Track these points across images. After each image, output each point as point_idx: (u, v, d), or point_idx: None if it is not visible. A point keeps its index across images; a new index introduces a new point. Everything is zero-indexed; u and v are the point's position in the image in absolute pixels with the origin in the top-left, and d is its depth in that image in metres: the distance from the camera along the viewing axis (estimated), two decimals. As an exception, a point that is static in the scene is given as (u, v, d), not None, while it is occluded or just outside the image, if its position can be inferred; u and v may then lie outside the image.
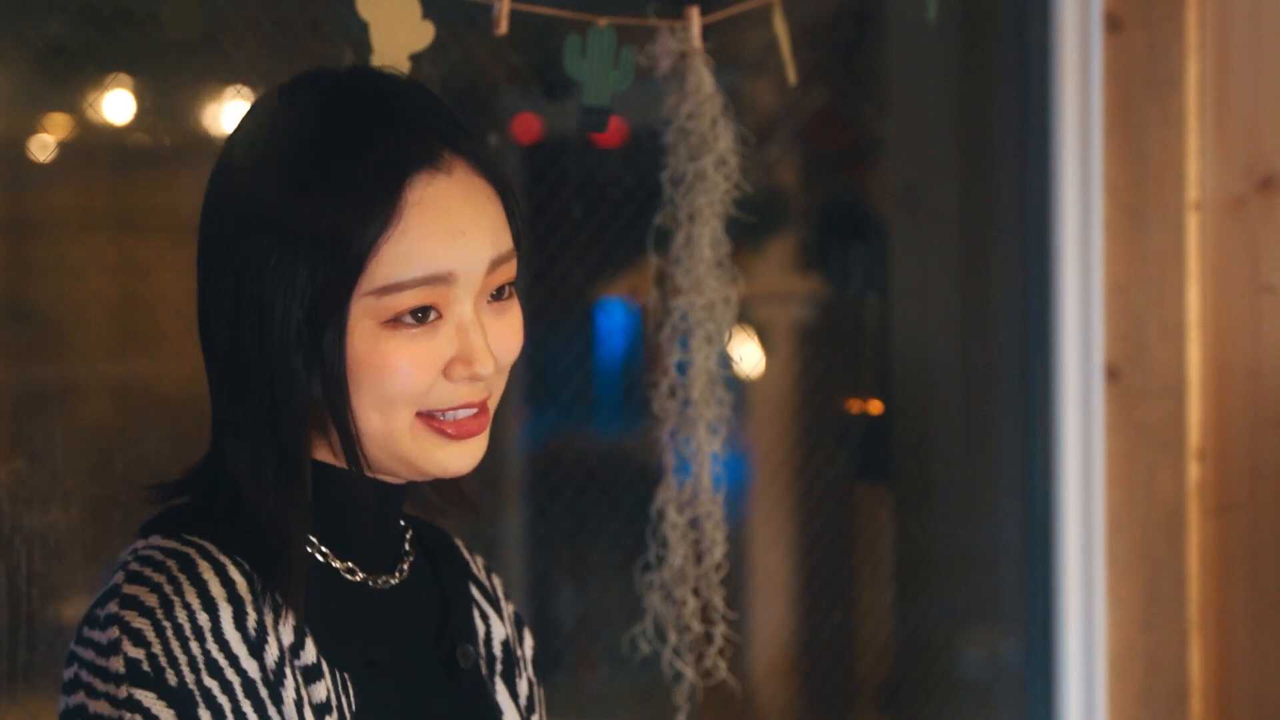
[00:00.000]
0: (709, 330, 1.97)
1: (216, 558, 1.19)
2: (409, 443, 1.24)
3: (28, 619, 1.83)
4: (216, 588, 1.18)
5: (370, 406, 1.22)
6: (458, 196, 1.24)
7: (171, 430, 1.97)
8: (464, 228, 1.23)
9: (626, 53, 1.82)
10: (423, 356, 1.22)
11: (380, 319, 1.21)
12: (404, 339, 1.22)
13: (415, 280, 1.21)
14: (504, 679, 1.39)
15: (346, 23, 1.83)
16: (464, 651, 1.33)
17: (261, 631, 1.18)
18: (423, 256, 1.21)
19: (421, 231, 1.21)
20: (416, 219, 1.21)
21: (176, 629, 1.15)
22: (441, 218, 1.22)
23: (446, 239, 1.22)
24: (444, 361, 1.23)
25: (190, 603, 1.16)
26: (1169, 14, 2.53)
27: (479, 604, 1.40)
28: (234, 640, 1.17)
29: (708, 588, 1.99)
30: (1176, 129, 2.54)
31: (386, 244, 1.20)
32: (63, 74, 1.87)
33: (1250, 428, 2.49)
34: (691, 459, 1.98)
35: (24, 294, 1.93)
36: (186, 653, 1.15)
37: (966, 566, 2.79)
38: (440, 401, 1.24)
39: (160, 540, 1.21)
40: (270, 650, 1.18)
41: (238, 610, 1.18)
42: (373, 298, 1.20)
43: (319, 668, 1.22)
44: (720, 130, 1.94)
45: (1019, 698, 2.77)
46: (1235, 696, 2.52)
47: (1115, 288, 2.62)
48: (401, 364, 1.21)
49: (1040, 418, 2.71)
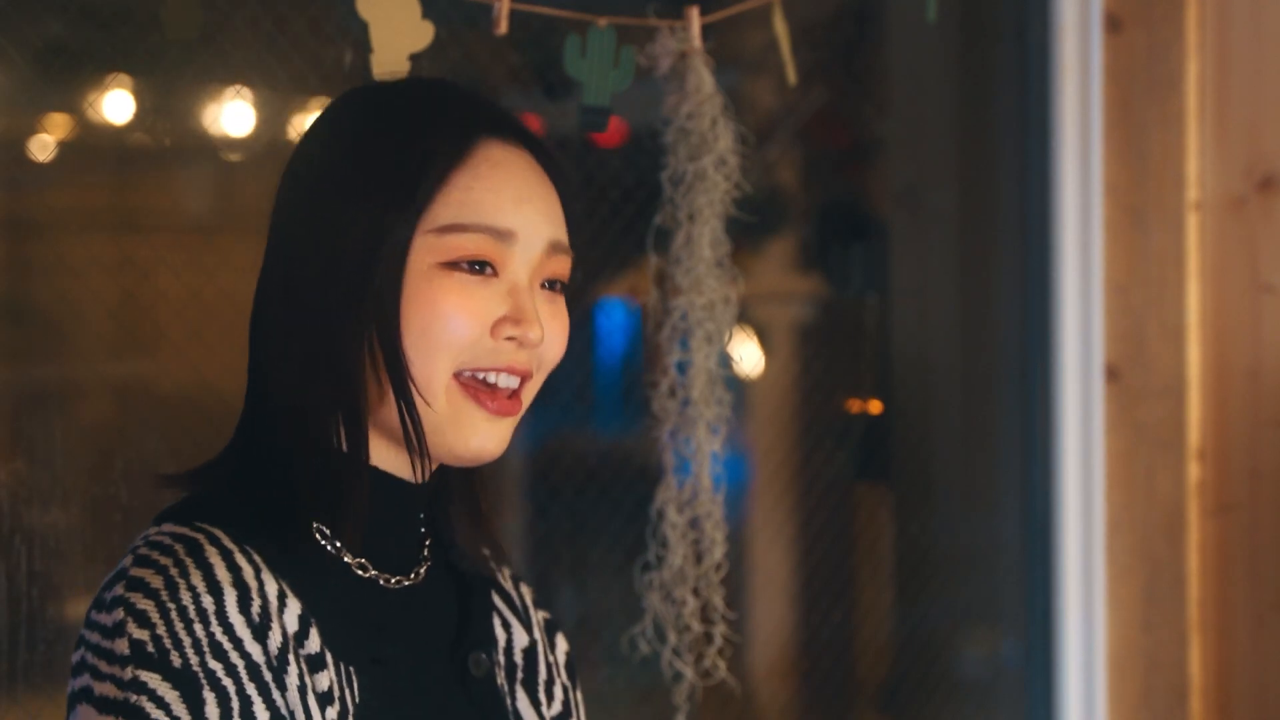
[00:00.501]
0: (709, 330, 1.97)
1: (225, 544, 1.20)
2: (444, 406, 1.25)
3: (28, 619, 1.83)
4: (222, 571, 1.18)
5: (415, 350, 1.23)
6: (525, 166, 1.29)
7: (172, 430, 1.97)
8: (529, 196, 1.28)
9: (626, 53, 1.82)
10: (474, 304, 1.24)
11: (439, 259, 1.23)
12: (458, 283, 1.24)
13: (479, 225, 1.24)
14: (525, 687, 1.39)
15: (346, 23, 1.84)
16: (476, 660, 1.33)
17: (265, 617, 1.19)
18: (490, 206, 1.25)
19: (490, 184, 1.25)
20: (487, 171, 1.25)
21: (181, 611, 1.16)
22: (510, 179, 1.27)
23: (513, 198, 1.26)
24: (494, 318, 1.25)
25: (195, 585, 1.17)
26: (1169, 14, 2.53)
27: (500, 613, 1.40)
28: (238, 624, 1.17)
29: (708, 588, 1.99)
30: (1176, 129, 2.54)
31: (455, 184, 1.24)
32: (63, 74, 1.87)
33: (1250, 428, 2.49)
34: (691, 459, 1.98)
35: (24, 294, 1.93)
36: (191, 634, 1.15)
37: (966, 566, 2.79)
38: (484, 359, 1.25)
39: (172, 526, 1.22)
40: (274, 636, 1.19)
41: (242, 594, 1.18)
42: (434, 235, 1.23)
43: (322, 658, 1.22)
44: (720, 130, 1.94)
45: (1019, 698, 2.77)
46: (1235, 696, 2.52)
47: (1115, 288, 2.62)
48: (454, 305, 1.23)
49: (1040, 418, 2.71)
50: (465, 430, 1.26)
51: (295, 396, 1.25)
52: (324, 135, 1.30)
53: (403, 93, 1.32)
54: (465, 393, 1.25)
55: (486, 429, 1.26)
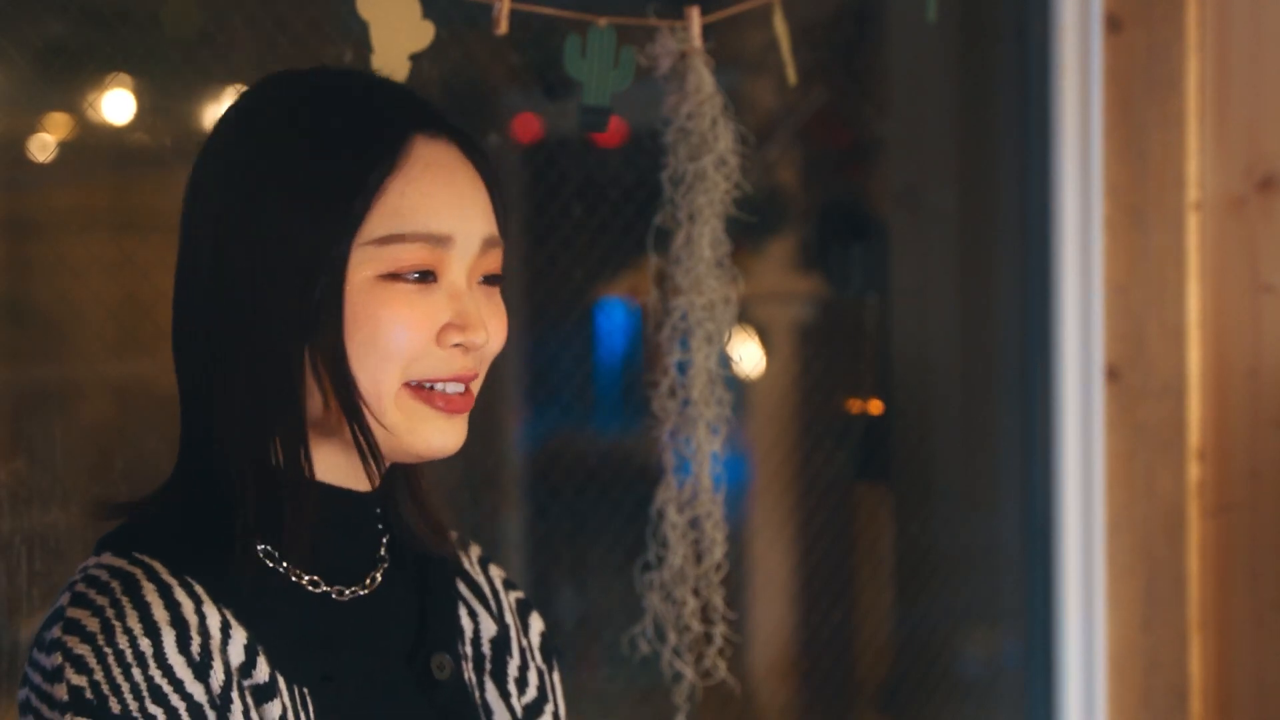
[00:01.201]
0: (709, 330, 1.96)
1: (163, 579, 1.18)
2: (395, 412, 1.23)
3: (28, 619, 1.82)
4: (160, 611, 1.16)
5: (360, 364, 1.21)
6: (457, 165, 1.26)
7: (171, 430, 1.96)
8: (461, 196, 1.25)
9: (626, 53, 1.82)
10: (418, 314, 1.22)
11: (378, 270, 1.21)
12: (400, 293, 1.22)
13: (416, 234, 1.22)
14: (494, 678, 1.37)
15: (346, 23, 1.84)
16: (440, 662, 1.31)
17: (206, 655, 1.17)
18: (425, 212, 1.22)
19: (424, 188, 1.22)
20: (419, 174, 1.23)
21: (118, 655, 1.14)
22: (443, 180, 1.24)
23: (448, 200, 1.24)
24: (438, 325, 1.23)
25: (132, 628, 1.15)
26: (1169, 14, 2.53)
27: (467, 602, 1.38)
28: (178, 665, 1.15)
29: (708, 588, 1.99)
30: (1176, 129, 2.54)
31: (390, 191, 1.21)
32: (63, 74, 1.87)
33: (1250, 428, 2.49)
34: (691, 459, 1.97)
35: (24, 294, 1.93)
36: (129, 679, 1.13)
37: (966, 566, 2.79)
38: (431, 370, 1.23)
39: (110, 558, 1.20)
40: (216, 673, 1.17)
41: (181, 634, 1.16)
42: (374, 247, 1.21)
43: (273, 685, 1.20)
44: (720, 130, 1.94)
45: (1019, 698, 2.77)
46: (1235, 696, 2.52)
47: (1115, 288, 2.62)
48: (398, 317, 1.21)
49: (1040, 418, 2.71)
50: (422, 431, 1.24)
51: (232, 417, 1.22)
52: (245, 136, 1.25)
53: (323, 87, 1.27)
54: (416, 397, 1.24)
55: (444, 427, 1.25)
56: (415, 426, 1.24)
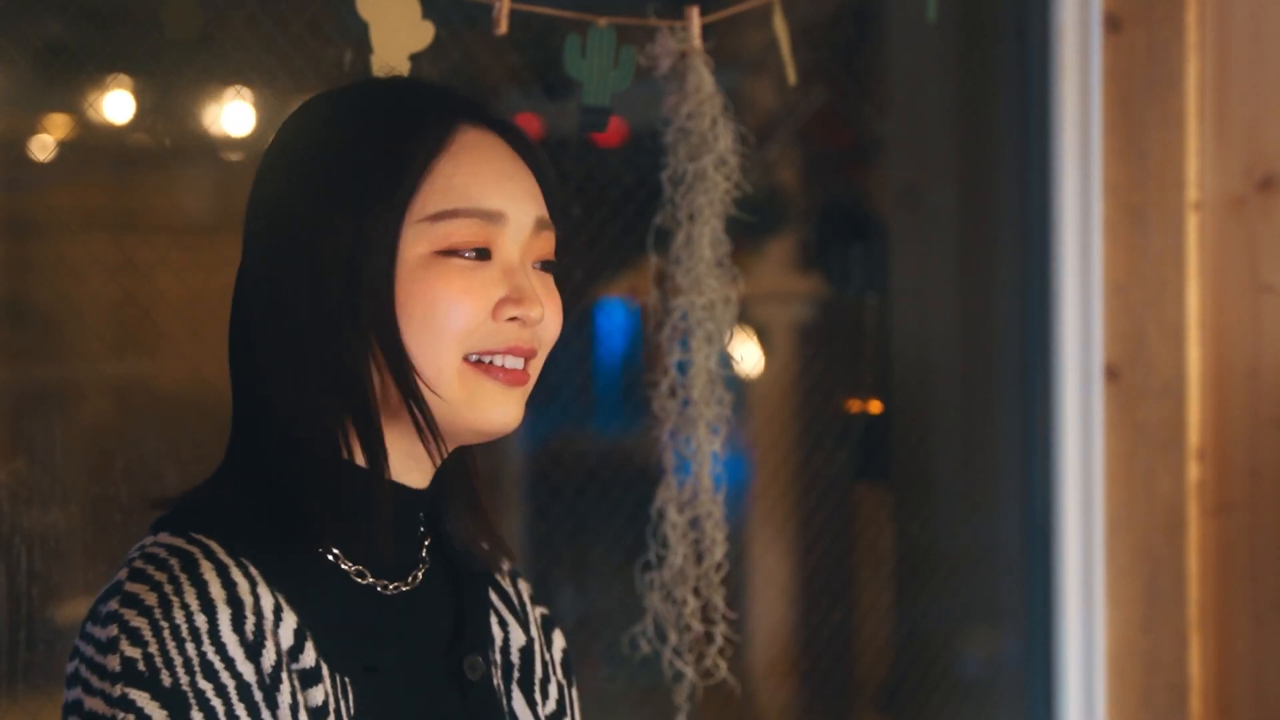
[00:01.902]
0: (709, 330, 1.97)
1: (220, 558, 1.19)
2: (457, 386, 1.24)
3: (28, 619, 1.83)
4: (217, 589, 1.17)
5: (419, 343, 1.23)
6: (502, 150, 1.28)
7: (171, 430, 1.96)
8: (510, 176, 1.27)
9: (626, 53, 1.82)
10: (474, 288, 1.23)
11: (433, 248, 1.23)
12: (456, 268, 1.23)
13: (468, 210, 1.23)
14: (521, 687, 1.38)
15: (346, 23, 1.84)
16: (472, 663, 1.32)
17: (259, 635, 1.18)
18: (476, 189, 1.24)
19: (473, 169, 1.25)
20: (467, 156, 1.25)
21: (174, 630, 1.15)
22: (489, 160, 1.26)
23: (496, 179, 1.25)
24: (494, 300, 1.24)
25: (189, 603, 1.16)
26: (1169, 14, 2.53)
27: (498, 611, 1.39)
28: (231, 643, 1.16)
29: (708, 588, 1.99)
30: (1176, 129, 2.54)
31: (438, 171, 1.23)
32: (63, 74, 1.87)
33: (1250, 428, 2.49)
34: (691, 459, 1.97)
35: (24, 294, 1.93)
36: (182, 654, 1.15)
37: (966, 566, 2.79)
38: (489, 342, 1.25)
39: (168, 538, 1.21)
40: (268, 654, 1.18)
41: (236, 613, 1.17)
42: (427, 223, 1.23)
43: (318, 671, 1.21)
44: (720, 130, 1.94)
45: (1019, 698, 2.77)
46: (1235, 696, 2.52)
47: (1115, 288, 2.62)
48: (453, 292, 1.22)
49: (1040, 418, 2.71)
50: (483, 405, 1.25)
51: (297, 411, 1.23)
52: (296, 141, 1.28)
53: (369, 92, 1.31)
54: (477, 370, 1.25)
55: (504, 399, 1.26)
56: (475, 400, 1.25)
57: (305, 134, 1.28)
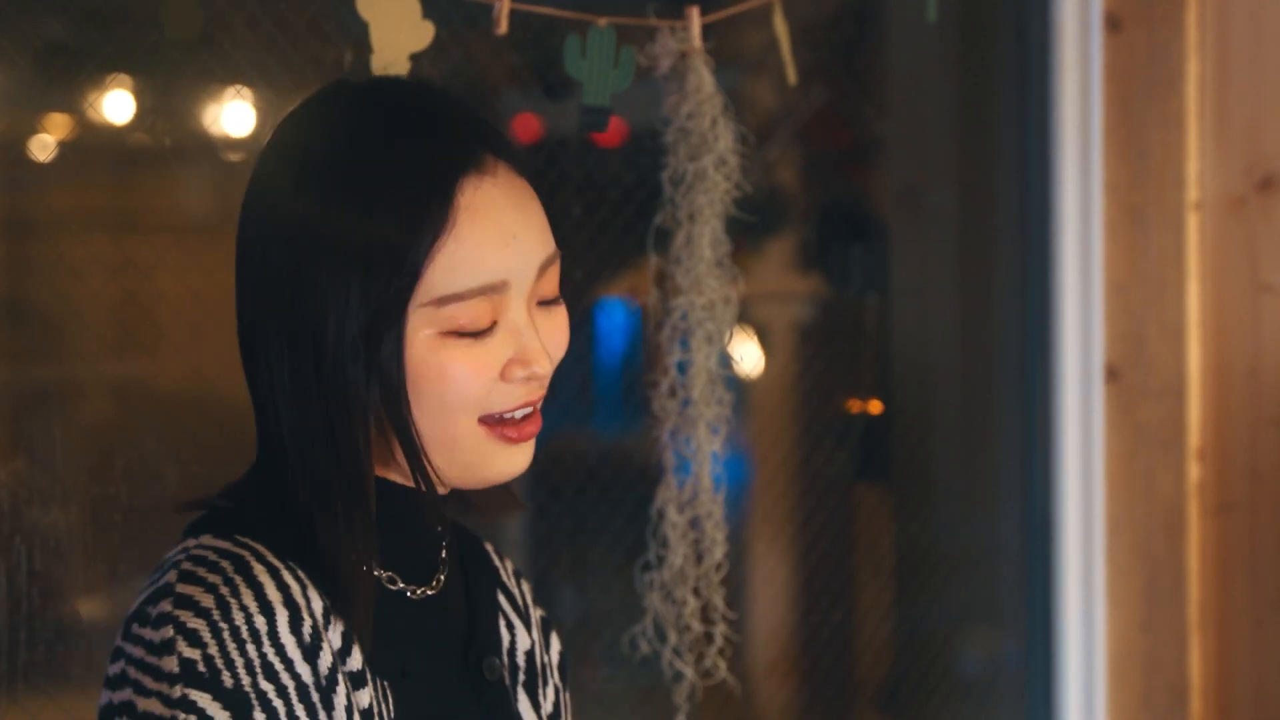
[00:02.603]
0: (709, 330, 1.97)
1: (271, 561, 1.19)
2: (472, 450, 1.24)
3: (27, 619, 1.83)
4: (273, 591, 1.17)
5: (432, 417, 1.22)
6: (505, 201, 1.24)
7: (171, 430, 1.96)
8: (514, 232, 1.23)
9: (626, 53, 1.82)
10: (481, 362, 1.22)
11: (439, 329, 1.21)
12: (462, 346, 1.22)
13: (472, 290, 1.21)
14: (526, 689, 1.39)
15: (346, 23, 1.84)
16: (490, 665, 1.33)
17: (316, 637, 1.18)
18: (478, 264, 1.21)
19: (474, 239, 1.21)
20: (468, 225, 1.21)
21: (233, 631, 1.15)
22: (493, 223, 1.22)
23: (499, 244, 1.22)
24: (501, 365, 1.24)
25: (247, 605, 1.16)
26: (1169, 14, 2.53)
27: (505, 613, 1.40)
28: (289, 645, 1.17)
29: (708, 588, 1.99)
30: (1176, 129, 2.54)
31: (441, 251, 1.20)
32: (63, 74, 1.87)
33: (1250, 428, 2.49)
34: (691, 459, 1.98)
35: (24, 294, 1.93)
36: (243, 655, 1.15)
37: (966, 566, 2.79)
38: (500, 404, 1.24)
39: (212, 540, 1.21)
40: (324, 655, 1.19)
41: (293, 615, 1.18)
42: (431, 307, 1.20)
43: (363, 675, 1.22)
44: (720, 130, 1.94)
45: (1019, 698, 2.77)
46: (1235, 696, 2.52)
47: (1115, 288, 2.62)
48: (461, 371, 1.22)
49: (1040, 418, 2.71)
50: (495, 462, 1.25)
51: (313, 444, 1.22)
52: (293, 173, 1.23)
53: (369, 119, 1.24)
54: (493, 433, 1.24)
55: (514, 455, 1.26)
56: (487, 460, 1.25)
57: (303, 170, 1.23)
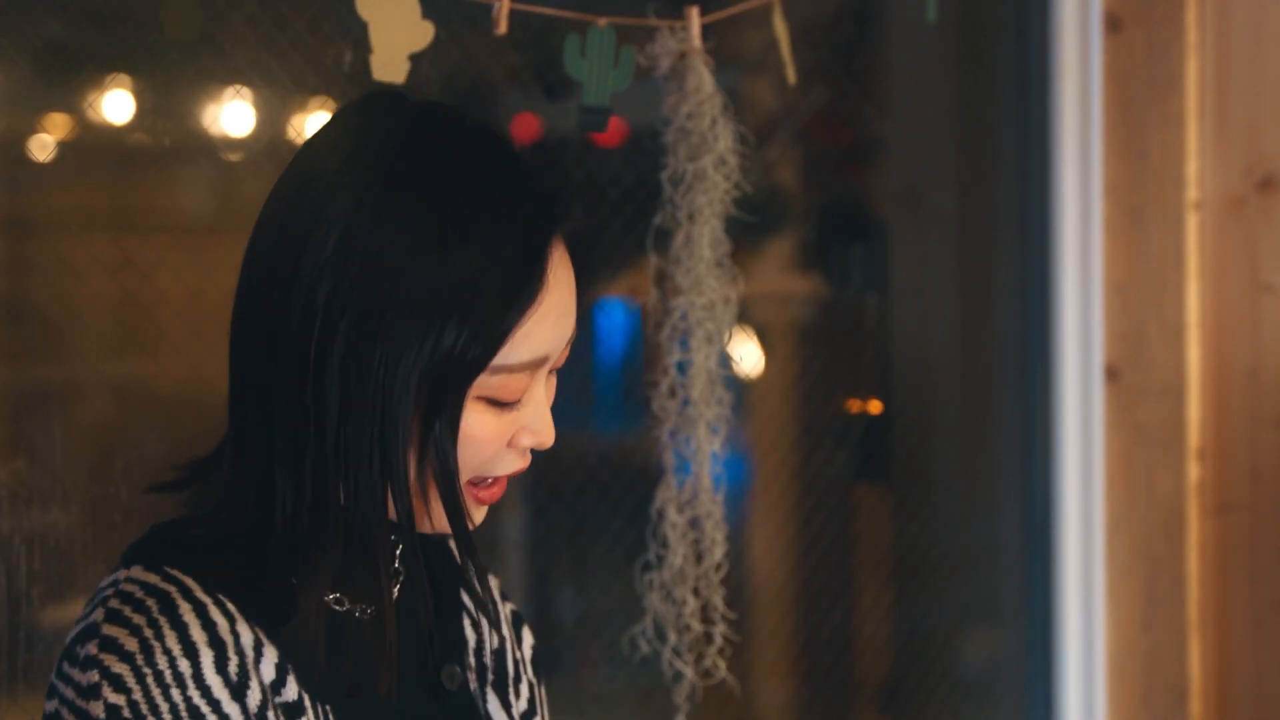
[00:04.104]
0: (709, 330, 1.96)
1: (197, 596, 1.18)
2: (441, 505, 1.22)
3: (27, 619, 1.83)
4: (198, 631, 1.16)
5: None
6: (565, 274, 1.21)
7: (172, 430, 1.96)
8: (568, 308, 1.22)
9: (626, 53, 1.82)
10: (501, 431, 1.21)
11: (479, 394, 1.18)
12: (491, 414, 1.20)
13: (522, 364, 1.18)
14: (495, 689, 1.37)
15: (346, 22, 1.84)
16: (449, 673, 1.32)
17: (244, 675, 1.17)
18: (537, 339, 1.19)
19: (542, 313, 1.18)
20: (547, 303, 1.18)
21: (157, 676, 1.14)
22: (559, 298, 1.20)
23: (556, 321, 1.20)
24: (514, 431, 1.22)
25: (171, 648, 1.15)
26: (1169, 14, 2.53)
27: (470, 613, 1.38)
28: (215, 685, 1.15)
29: (708, 588, 1.99)
30: (1176, 129, 2.54)
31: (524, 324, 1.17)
32: (63, 74, 1.87)
33: (1250, 428, 2.49)
34: (691, 459, 1.97)
35: (24, 294, 1.93)
36: (167, 699, 1.14)
37: (966, 566, 2.79)
38: (495, 469, 1.23)
39: (141, 573, 1.19)
40: (253, 693, 1.17)
41: (219, 655, 1.16)
42: (486, 374, 1.17)
43: (300, 704, 1.20)
44: (720, 130, 1.94)
45: (1019, 698, 2.77)
46: (1235, 696, 2.52)
47: (1115, 288, 2.62)
48: (483, 437, 1.20)
49: (1040, 418, 2.71)
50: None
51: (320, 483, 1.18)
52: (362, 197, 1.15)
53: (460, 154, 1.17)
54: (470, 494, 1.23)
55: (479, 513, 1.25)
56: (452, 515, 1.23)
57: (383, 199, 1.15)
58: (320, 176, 1.18)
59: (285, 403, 1.17)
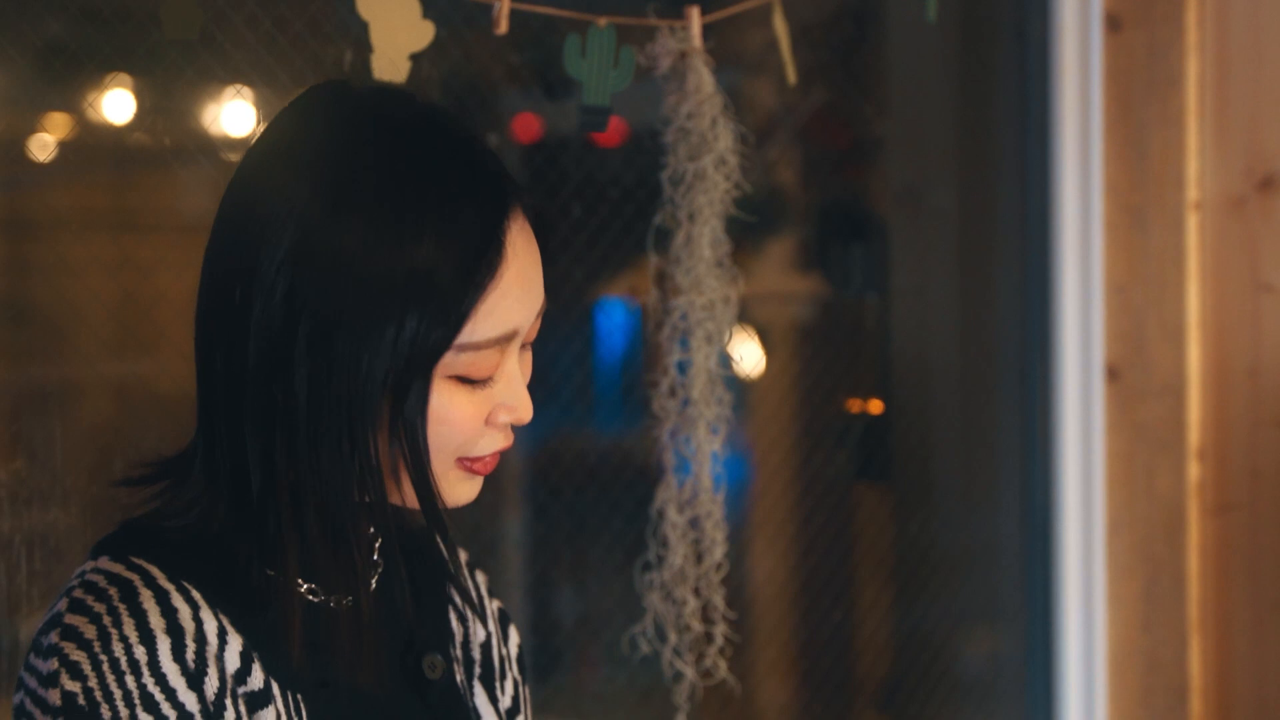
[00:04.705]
0: (709, 330, 1.96)
1: (160, 584, 1.18)
2: (443, 484, 1.22)
3: (28, 619, 1.83)
4: (156, 619, 1.16)
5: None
6: (527, 246, 1.21)
7: (172, 430, 1.96)
8: (533, 280, 1.21)
9: (626, 52, 1.82)
10: (477, 409, 1.21)
11: (444, 373, 1.18)
12: (463, 392, 1.20)
13: (490, 340, 1.19)
14: (483, 682, 1.37)
15: (346, 22, 1.84)
16: (431, 663, 1.31)
17: (201, 663, 1.17)
18: (504, 314, 1.19)
19: (507, 290, 1.19)
20: (505, 274, 1.18)
21: (113, 663, 1.14)
22: (523, 272, 1.20)
23: (520, 295, 1.20)
24: (489, 410, 1.22)
25: (127, 635, 1.15)
26: (1169, 14, 2.53)
27: (456, 606, 1.38)
28: (171, 673, 1.15)
29: (708, 587, 1.99)
30: (1176, 129, 2.54)
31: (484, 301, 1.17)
32: (63, 74, 1.87)
33: (1250, 428, 2.49)
34: (691, 459, 1.97)
35: (24, 294, 1.93)
36: (122, 687, 1.14)
37: (966, 566, 2.79)
38: (480, 449, 1.23)
39: (107, 564, 1.19)
40: (210, 681, 1.17)
41: (176, 642, 1.16)
42: (450, 354, 1.18)
43: (268, 692, 1.20)
44: (720, 130, 1.94)
45: (1019, 698, 2.77)
46: (1235, 696, 2.52)
47: (1115, 288, 2.62)
48: (458, 417, 1.20)
49: (1040, 418, 2.71)
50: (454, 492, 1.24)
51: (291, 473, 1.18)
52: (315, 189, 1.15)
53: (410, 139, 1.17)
54: (463, 469, 1.24)
55: (472, 486, 1.25)
56: (453, 489, 1.24)
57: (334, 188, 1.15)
58: (272, 173, 1.19)
59: (253, 397, 1.18)
